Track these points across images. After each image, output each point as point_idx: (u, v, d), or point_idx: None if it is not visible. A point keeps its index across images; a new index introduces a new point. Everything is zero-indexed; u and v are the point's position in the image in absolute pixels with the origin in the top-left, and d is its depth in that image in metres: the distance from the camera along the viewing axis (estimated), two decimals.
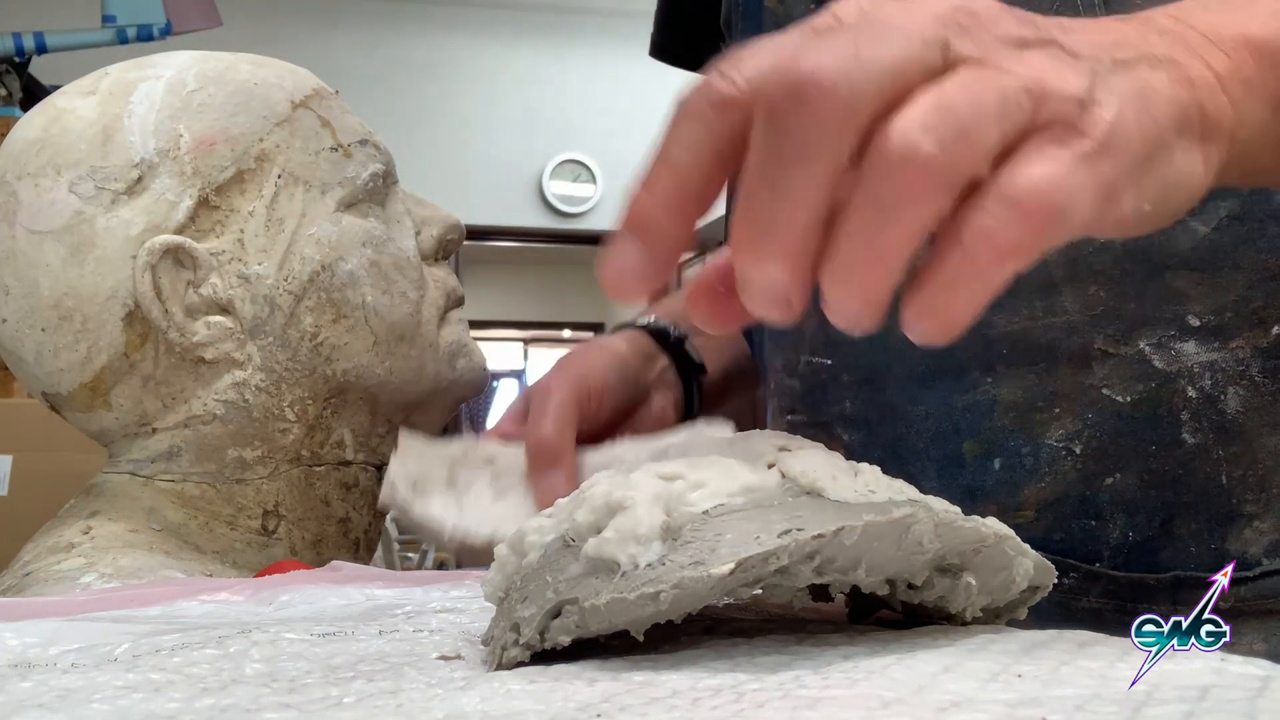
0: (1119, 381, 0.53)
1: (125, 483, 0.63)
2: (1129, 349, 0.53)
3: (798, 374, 0.63)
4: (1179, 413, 0.52)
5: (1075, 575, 0.54)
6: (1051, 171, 0.28)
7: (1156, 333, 0.53)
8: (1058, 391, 0.54)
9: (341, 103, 0.67)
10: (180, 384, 0.61)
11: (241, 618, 0.38)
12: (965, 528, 0.31)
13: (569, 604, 0.29)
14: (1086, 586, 0.54)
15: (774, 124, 0.28)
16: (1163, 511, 0.53)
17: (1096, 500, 0.54)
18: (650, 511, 0.29)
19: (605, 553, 0.29)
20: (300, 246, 0.62)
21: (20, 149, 0.62)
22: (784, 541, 0.28)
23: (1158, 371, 0.53)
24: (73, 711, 0.24)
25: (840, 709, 0.23)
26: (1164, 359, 0.53)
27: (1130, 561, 0.54)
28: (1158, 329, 0.53)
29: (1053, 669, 0.26)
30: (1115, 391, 0.53)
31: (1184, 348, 0.52)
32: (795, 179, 0.28)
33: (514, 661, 0.29)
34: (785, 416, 0.65)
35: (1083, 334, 0.53)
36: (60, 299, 0.60)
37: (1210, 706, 0.22)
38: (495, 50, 4.83)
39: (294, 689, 0.26)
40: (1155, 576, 0.53)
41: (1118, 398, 0.53)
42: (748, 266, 0.29)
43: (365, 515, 0.67)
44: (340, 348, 0.63)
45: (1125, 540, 0.54)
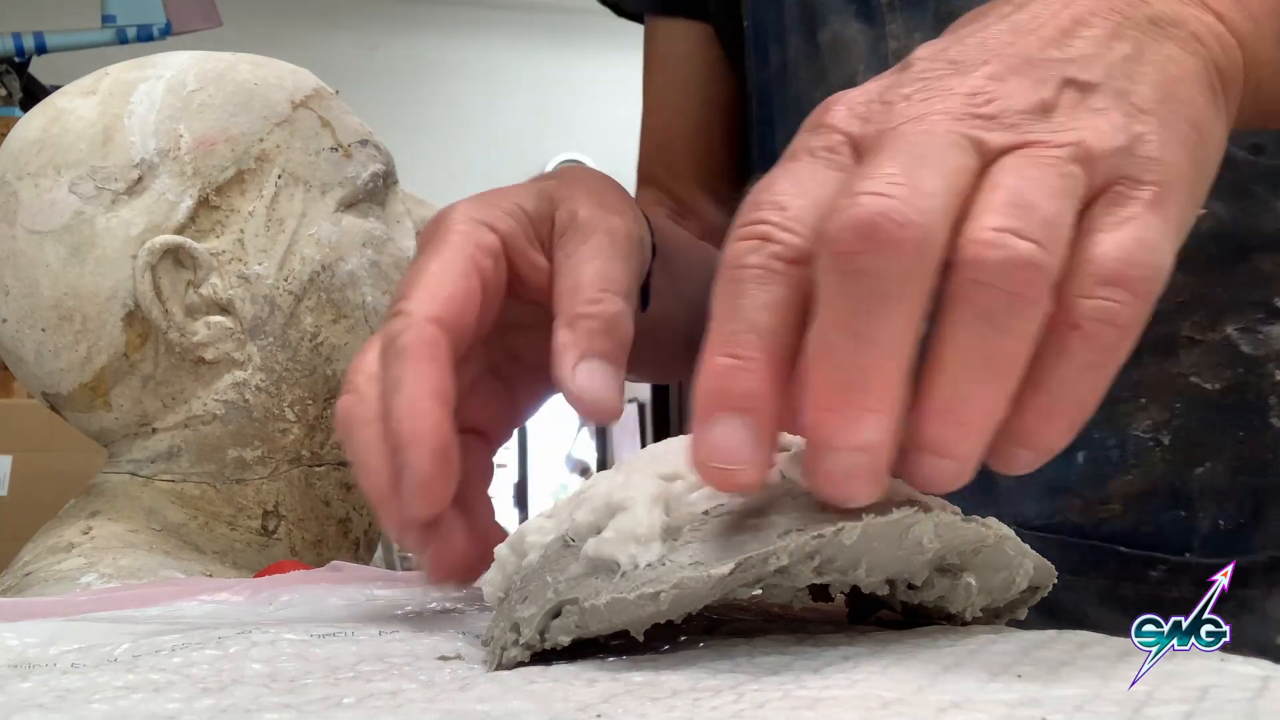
0: (1207, 369, 0.52)
1: (125, 483, 0.63)
2: (1216, 335, 0.52)
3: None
4: (1267, 397, 0.52)
5: (1163, 568, 0.53)
6: (1136, 234, 0.28)
7: (1244, 317, 0.52)
8: (1143, 381, 0.52)
9: (341, 103, 0.67)
10: (180, 384, 0.61)
11: (241, 618, 0.38)
12: (965, 528, 0.31)
13: (569, 604, 0.29)
14: (1175, 578, 0.53)
15: (849, 271, 0.26)
16: (1253, 498, 0.52)
17: (1186, 490, 0.53)
18: (650, 512, 0.29)
19: (605, 553, 0.29)
20: (300, 247, 0.62)
21: (20, 149, 0.62)
22: (784, 542, 0.28)
23: (1245, 357, 0.52)
24: (73, 712, 0.24)
25: (840, 709, 0.23)
26: (1251, 344, 0.52)
27: (1222, 549, 0.53)
28: (1244, 313, 0.52)
29: (1053, 669, 0.26)
30: (1203, 379, 0.52)
31: (1271, 331, 0.52)
32: (884, 321, 0.26)
33: (514, 661, 0.29)
34: None
35: (1168, 322, 0.52)
36: (60, 299, 0.60)
37: (1211, 706, 0.22)
38: (496, 50, 4.83)
39: (294, 689, 0.26)
40: (1250, 559, 0.52)
41: (1206, 385, 0.52)
42: (838, 431, 0.27)
43: (365, 515, 0.67)
44: (340, 348, 0.63)
45: (1216, 529, 0.53)
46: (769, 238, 0.28)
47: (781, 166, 0.30)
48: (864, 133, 0.29)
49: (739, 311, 0.28)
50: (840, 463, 0.27)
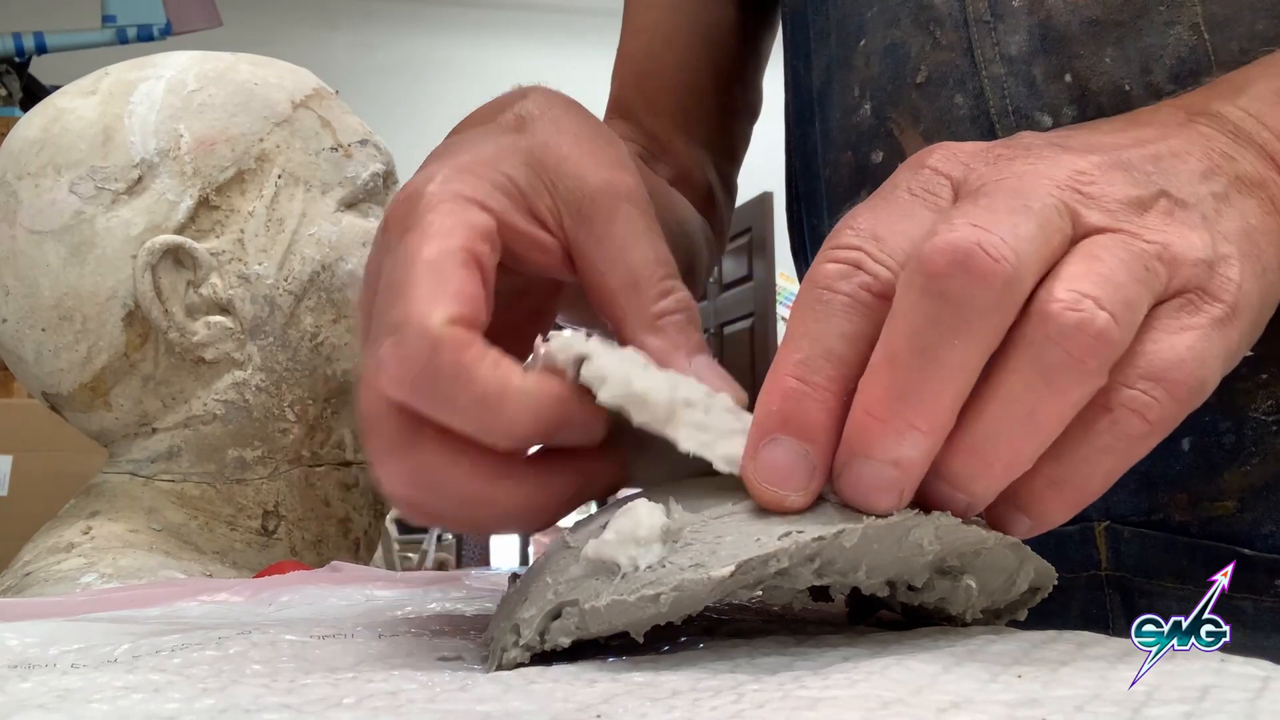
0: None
1: (125, 483, 0.63)
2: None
3: None
4: None
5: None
6: (1194, 344, 0.28)
7: None
8: (1263, 355, 0.44)
9: (341, 103, 0.67)
10: (180, 384, 0.61)
11: (241, 618, 0.38)
12: (966, 530, 0.31)
13: (569, 606, 0.29)
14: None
15: (933, 291, 0.27)
16: None
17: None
18: (650, 513, 0.29)
19: (605, 554, 0.29)
20: (300, 246, 0.62)
21: (20, 149, 0.62)
22: (784, 544, 0.28)
23: None
24: (72, 712, 0.24)
25: (840, 709, 0.23)
26: None
27: None
28: None
29: (1053, 669, 0.26)
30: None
31: None
32: (954, 346, 0.27)
33: (514, 663, 0.29)
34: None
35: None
36: (60, 299, 0.60)
37: (1210, 707, 0.22)
38: (495, 50, 4.83)
39: (293, 690, 0.26)
40: None
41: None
42: (880, 440, 0.27)
43: (365, 515, 0.67)
44: (340, 348, 0.63)
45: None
46: (861, 265, 0.28)
47: (880, 199, 0.30)
48: (966, 178, 0.30)
49: (818, 337, 0.28)
50: (873, 473, 0.27)
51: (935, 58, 0.49)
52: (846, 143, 0.54)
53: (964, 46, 0.48)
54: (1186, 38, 0.44)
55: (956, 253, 0.26)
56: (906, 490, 0.28)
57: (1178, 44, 0.44)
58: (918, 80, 0.50)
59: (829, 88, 0.55)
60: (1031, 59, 0.47)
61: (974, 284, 0.26)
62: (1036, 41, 0.47)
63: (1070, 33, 0.46)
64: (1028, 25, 0.47)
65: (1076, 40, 0.46)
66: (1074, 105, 0.46)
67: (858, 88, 0.53)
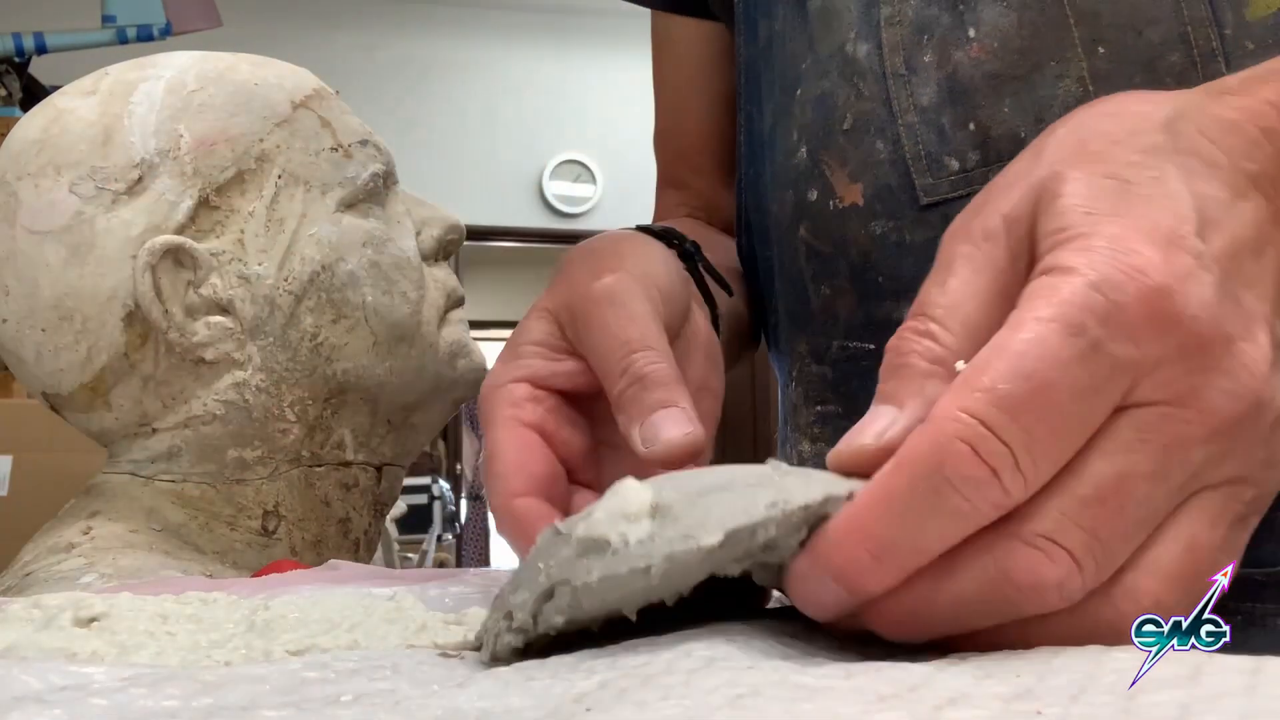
0: None
1: (125, 483, 0.63)
2: None
3: (829, 360, 0.57)
4: None
5: None
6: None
7: None
8: None
9: (342, 103, 0.67)
10: (180, 384, 0.61)
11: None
12: None
13: (561, 585, 0.29)
14: None
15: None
16: None
17: None
18: (639, 492, 0.29)
19: (595, 532, 0.29)
20: (300, 247, 0.62)
21: (20, 149, 0.62)
22: (771, 513, 0.28)
23: None
24: (71, 709, 0.25)
25: (838, 701, 0.23)
26: None
27: None
28: None
29: (1046, 660, 0.26)
30: None
31: None
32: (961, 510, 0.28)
33: (508, 648, 0.30)
34: (815, 407, 0.58)
35: None
36: (60, 299, 0.60)
37: (1205, 694, 0.23)
38: (495, 50, 4.83)
39: (293, 688, 0.27)
40: None
41: None
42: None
43: (365, 515, 0.67)
44: (340, 348, 0.63)
45: None
46: (1000, 475, 0.28)
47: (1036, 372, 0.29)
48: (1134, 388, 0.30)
49: (918, 527, 0.28)
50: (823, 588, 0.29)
51: (859, 107, 0.54)
52: (788, 181, 0.58)
53: (883, 97, 0.53)
54: (1074, 90, 0.48)
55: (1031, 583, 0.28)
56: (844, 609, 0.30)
57: (1066, 95, 0.48)
58: (844, 127, 0.55)
59: (774, 132, 0.60)
60: (940, 109, 0.51)
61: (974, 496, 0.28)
62: (945, 93, 0.51)
63: (974, 85, 0.50)
64: (937, 79, 0.51)
65: (979, 92, 0.50)
66: (977, 150, 0.50)
67: (796, 132, 0.58)
